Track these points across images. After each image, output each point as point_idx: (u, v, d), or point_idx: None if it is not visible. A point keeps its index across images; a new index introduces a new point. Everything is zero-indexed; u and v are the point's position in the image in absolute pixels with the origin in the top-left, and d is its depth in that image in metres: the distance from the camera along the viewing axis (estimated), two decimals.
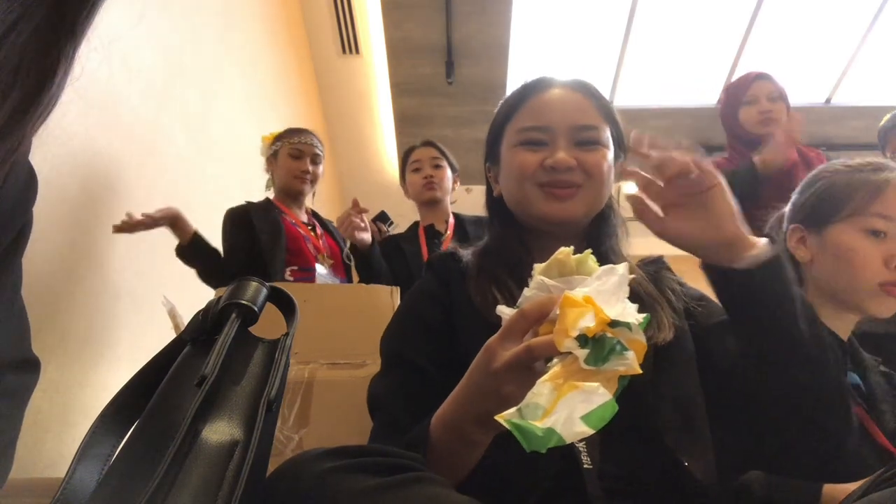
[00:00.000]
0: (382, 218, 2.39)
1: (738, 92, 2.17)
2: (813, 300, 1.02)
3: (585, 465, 0.71)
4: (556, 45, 4.26)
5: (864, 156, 1.10)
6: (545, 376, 0.52)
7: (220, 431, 0.53)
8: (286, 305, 0.69)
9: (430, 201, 2.29)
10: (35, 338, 0.60)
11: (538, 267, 0.61)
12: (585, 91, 0.91)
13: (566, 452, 0.71)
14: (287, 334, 0.64)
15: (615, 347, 0.53)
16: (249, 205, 2.20)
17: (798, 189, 1.13)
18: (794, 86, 4.36)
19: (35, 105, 0.39)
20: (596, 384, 0.51)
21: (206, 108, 2.39)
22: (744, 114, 2.14)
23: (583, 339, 0.52)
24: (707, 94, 4.49)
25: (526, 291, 0.61)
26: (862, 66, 4.31)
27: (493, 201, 0.98)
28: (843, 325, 1.04)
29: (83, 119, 1.54)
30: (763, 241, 0.71)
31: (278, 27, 3.44)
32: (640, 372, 0.53)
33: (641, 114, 4.28)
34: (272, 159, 2.29)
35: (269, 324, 0.66)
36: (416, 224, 2.38)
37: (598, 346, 0.53)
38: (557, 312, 0.54)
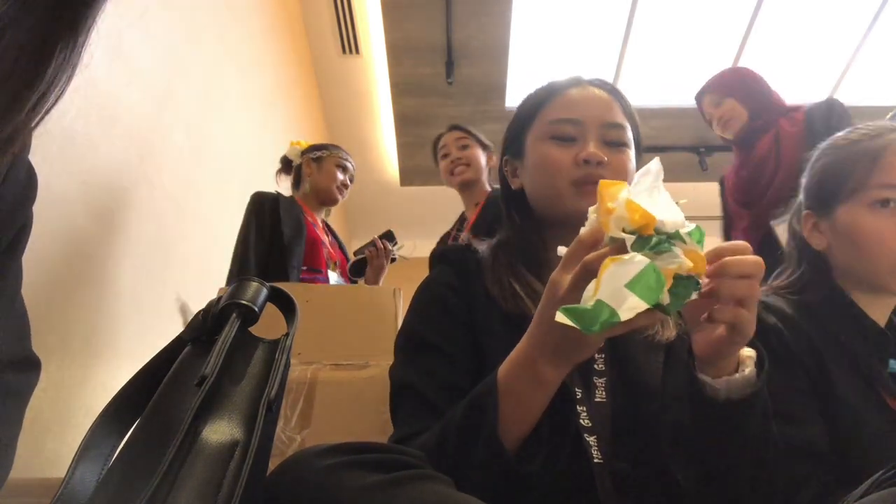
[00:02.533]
0: (389, 237, 2.41)
1: (702, 113, 2.34)
2: (844, 286, 0.97)
3: (596, 460, 0.71)
4: (556, 46, 4.26)
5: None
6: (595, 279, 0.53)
7: (220, 431, 0.53)
8: (286, 306, 0.69)
9: (462, 185, 2.27)
10: (35, 338, 0.60)
11: (592, 208, 0.62)
12: (612, 91, 0.93)
13: (576, 447, 0.70)
14: (287, 334, 0.65)
15: (661, 242, 0.53)
16: (279, 195, 2.26)
17: (805, 172, 1.06)
18: (794, 86, 4.38)
19: (28, 94, 0.39)
20: (630, 253, 0.52)
21: (206, 108, 2.39)
22: (713, 129, 2.29)
23: (629, 232, 0.53)
24: None
25: (581, 230, 0.62)
26: (862, 66, 4.31)
27: (511, 195, 0.97)
28: (881, 309, 0.97)
29: (83, 119, 1.54)
30: (739, 374, 0.66)
31: (278, 27, 3.44)
32: (691, 265, 0.53)
33: (642, 113, 4.25)
34: (312, 163, 2.38)
35: (269, 324, 0.66)
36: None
37: (646, 239, 0.53)
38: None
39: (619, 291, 0.50)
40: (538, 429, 0.66)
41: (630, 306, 0.50)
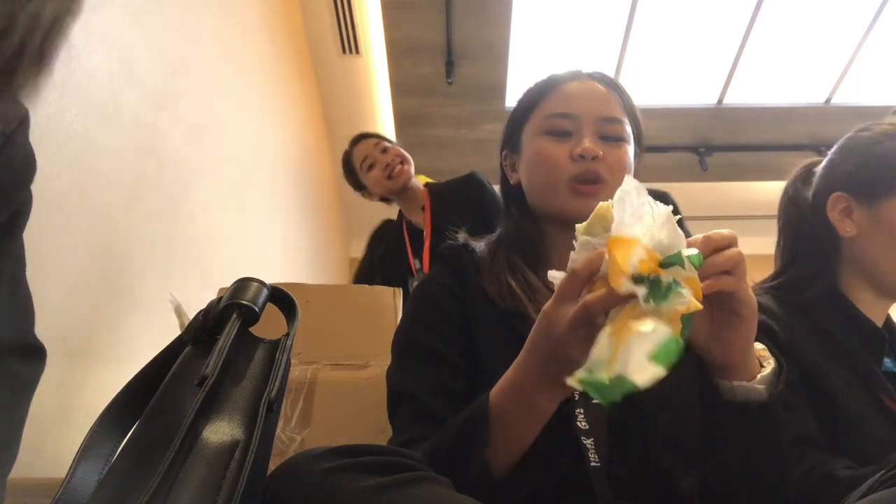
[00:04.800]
0: None
1: None
2: (850, 280, 0.95)
3: (593, 464, 0.70)
4: (556, 46, 4.26)
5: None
6: (606, 329, 0.52)
7: (220, 432, 0.53)
8: (287, 306, 0.69)
9: (403, 188, 2.15)
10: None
11: (580, 227, 0.59)
12: (611, 85, 0.93)
13: (574, 449, 0.70)
14: (288, 334, 0.64)
15: (671, 286, 0.52)
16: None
17: (836, 150, 1.01)
18: (794, 86, 4.39)
19: None
20: (650, 322, 0.51)
21: (206, 107, 2.39)
22: None
23: (638, 279, 0.52)
24: (707, 94, 4.49)
25: (572, 255, 0.59)
26: (862, 66, 4.30)
27: (510, 189, 0.97)
28: (880, 310, 0.95)
29: (83, 119, 1.53)
30: (767, 367, 0.65)
31: (278, 27, 3.44)
32: (701, 307, 0.52)
33: (642, 113, 4.28)
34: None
35: (270, 324, 0.66)
36: (399, 227, 2.30)
37: (656, 285, 0.52)
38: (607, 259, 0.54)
39: (641, 363, 0.49)
40: (532, 451, 0.65)
41: (649, 375, 0.49)
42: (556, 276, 0.60)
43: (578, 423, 0.73)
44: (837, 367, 0.89)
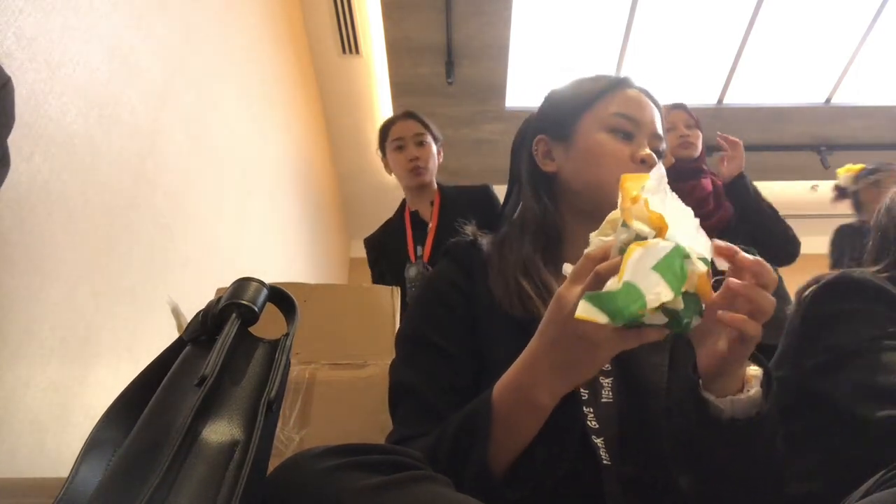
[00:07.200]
0: None
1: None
2: None
3: (604, 461, 0.70)
4: (557, 45, 4.26)
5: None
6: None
7: (220, 432, 0.53)
8: (286, 305, 0.69)
9: (418, 187, 2.13)
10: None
11: (593, 234, 0.61)
12: (656, 103, 0.97)
13: (584, 449, 0.70)
14: (287, 334, 0.64)
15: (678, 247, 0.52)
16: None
17: None
18: (794, 86, 4.39)
19: None
20: (655, 239, 0.51)
21: (206, 107, 2.39)
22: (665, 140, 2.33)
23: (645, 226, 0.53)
24: (707, 94, 4.49)
25: (588, 249, 0.60)
26: (862, 66, 4.31)
27: (541, 176, 0.94)
28: None
29: (83, 119, 1.53)
30: (754, 387, 0.64)
31: (278, 27, 3.44)
32: (705, 269, 0.52)
33: None
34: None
35: (269, 324, 0.66)
36: (401, 207, 2.26)
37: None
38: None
39: (647, 274, 0.49)
40: (532, 449, 0.65)
41: (656, 292, 0.49)
42: (570, 268, 0.61)
43: (588, 422, 0.72)
44: None
